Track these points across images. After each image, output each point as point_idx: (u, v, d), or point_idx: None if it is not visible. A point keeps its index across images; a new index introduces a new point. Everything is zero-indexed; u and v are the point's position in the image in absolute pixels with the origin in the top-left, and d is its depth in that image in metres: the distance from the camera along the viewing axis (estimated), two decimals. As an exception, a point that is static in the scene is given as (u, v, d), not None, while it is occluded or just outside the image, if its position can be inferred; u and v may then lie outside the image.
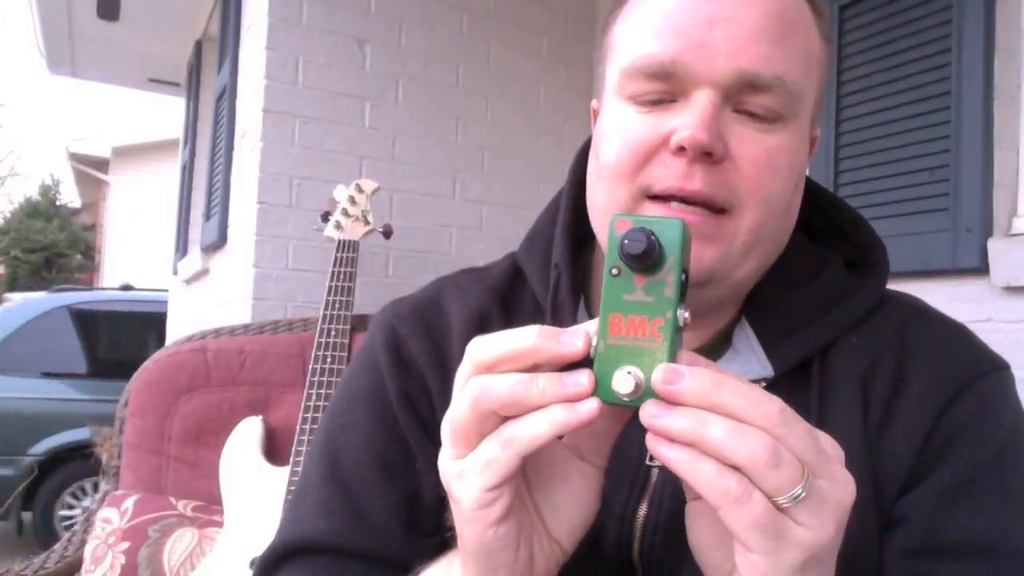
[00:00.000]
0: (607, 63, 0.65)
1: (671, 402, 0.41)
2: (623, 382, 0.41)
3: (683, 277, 0.43)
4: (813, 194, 0.72)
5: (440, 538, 0.65)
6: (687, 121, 0.56)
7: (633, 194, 0.59)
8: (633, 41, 0.60)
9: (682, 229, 0.43)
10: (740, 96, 0.57)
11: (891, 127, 1.89)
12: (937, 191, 1.78)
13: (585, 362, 0.43)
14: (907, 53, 1.86)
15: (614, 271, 0.43)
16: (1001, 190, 1.72)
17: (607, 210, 0.62)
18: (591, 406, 0.42)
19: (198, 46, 4.27)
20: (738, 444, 0.39)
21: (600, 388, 0.42)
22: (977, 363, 0.63)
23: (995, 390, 0.62)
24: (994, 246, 1.67)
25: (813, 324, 0.64)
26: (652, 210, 0.59)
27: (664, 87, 0.58)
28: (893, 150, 1.88)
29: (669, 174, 0.57)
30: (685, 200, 0.58)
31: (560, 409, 0.42)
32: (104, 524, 1.40)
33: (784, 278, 0.66)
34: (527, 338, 0.43)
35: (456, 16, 2.63)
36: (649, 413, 0.41)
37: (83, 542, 1.46)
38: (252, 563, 1.31)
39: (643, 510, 0.61)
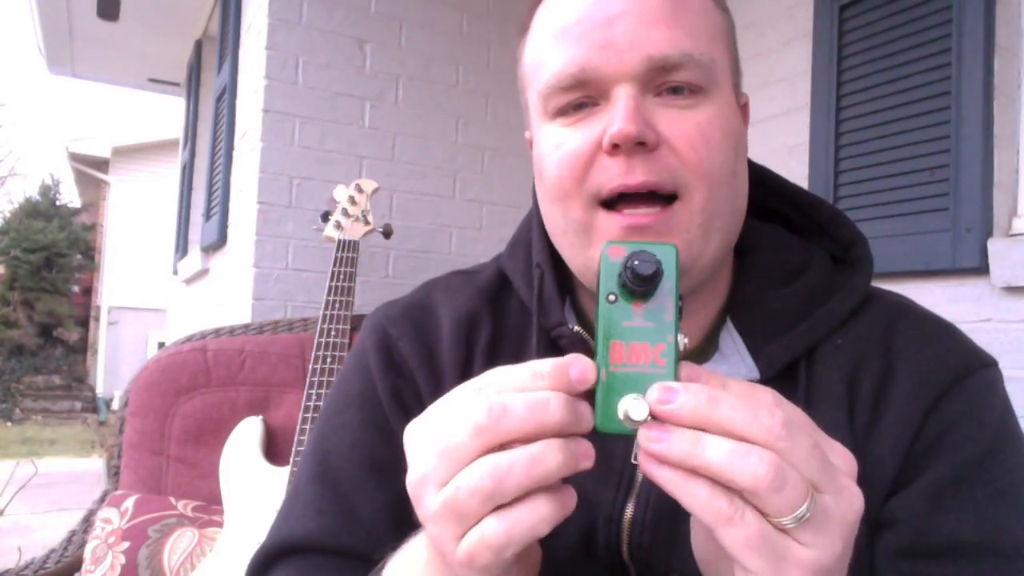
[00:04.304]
0: (526, 93, 0.67)
1: (668, 422, 0.39)
2: (637, 409, 0.40)
3: (679, 302, 0.42)
4: (789, 193, 0.73)
5: None
6: (613, 119, 0.57)
7: (584, 205, 0.60)
8: (542, 63, 0.62)
9: (676, 254, 0.43)
10: (656, 82, 0.59)
11: (891, 127, 1.89)
12: (937, 191, 1.78)
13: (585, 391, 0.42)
14: (907, 53, 1.86)
15: (611, 298, 0.42)
16: (1001, 190, 1.72)
17: (566, 229, 0.63)
18: (573, 499, 0.42)
19: (198, 46, 4.27)
20: (740, 467, 0.38)
21: (603, 417, 0.41)
22: (964, 361, 0.63)
23: (982, 388, 0.62)
24: (994, 246, 1.67)
25: (798, 325, 0.64)
26: (606, 221, 0.60)
27: (583, 96, 0.60)
28: (893, 150, 1.88)
29: (611, 175, 0.58)
30: (633, 195, 0.58)
31: (547, 506, 0.40)
32: (104, 524, 1.40)
33: (768, 276, 0.66)
34: (555, 414, 0.40)
35: (456, 16, 2.64)
36: (647, 437, 0.39)
37: (83, 542, 1.45)
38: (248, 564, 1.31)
39: (629, 510, 0.62)
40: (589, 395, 0.42)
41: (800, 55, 2.18)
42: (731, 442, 0.38)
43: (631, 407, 0.40)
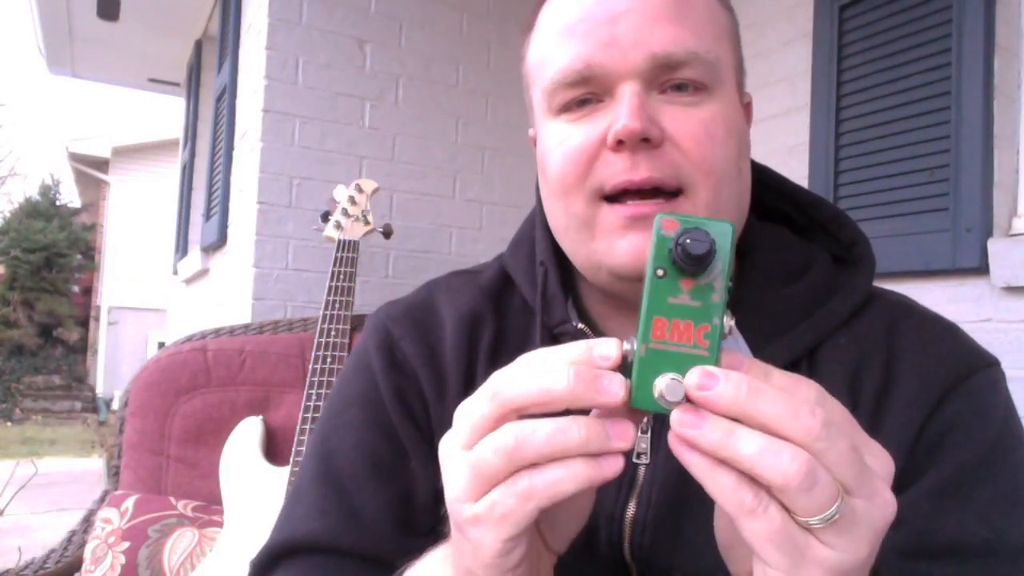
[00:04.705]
0: (531, 89, 0.67)
1: (704, 408, 0.38)
2: (673, 390, 0.39)
3: (730, 283, 0.41)
4: (790, 192, 0.73)
5: (434, 537, 0.65)
6: (618, 115, 0.57)
7: (587, 200, 0.60)
8: (546, 60, 0.62)
9: (733, 231, 0.41)
10: (661, 79, 0.59)
11: (891, 127, 1.89)
12: (937, 191, 1.78)
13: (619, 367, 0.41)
14: (907, 53, 1.86)
15: (659, 272, 0.41)
16: (1001, 190, 1.72)
17: (569, 224, 0.63)
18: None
19: (198, 46, 4.27)
20: (771, 463, 0.37)
21: (637, 394, 0.40)
22: (966, 361, 0.63)
23: (984, 388, 0.62)
24: (994, 246, 1.67)
25: (800, 325, 0.64)
26: (609, 213, 0.60)
27: (587, 93, 0.60)
28: (893, 150, 1.88)
29: (615, 171, 0.58)
30: (637, 192, 0.58)
31: (584, 466, 0.40)
32: (104, 524, 1.40)
33: (770, 276, 0.66)
34: (561, 380, 0.40)
35: (456, 16, 2.63)
36: (679, 420, 0.39)
37: (83, 542, 1.45)
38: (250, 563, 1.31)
39: (631, 509, 0.62)
40: (626, 371, 0.41)
41: (800, 55, 2.18)
42: (765, 437, 0.37)
43: (667, 387, 0.39)
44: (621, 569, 0.62)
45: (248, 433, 1.50)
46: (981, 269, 1.69)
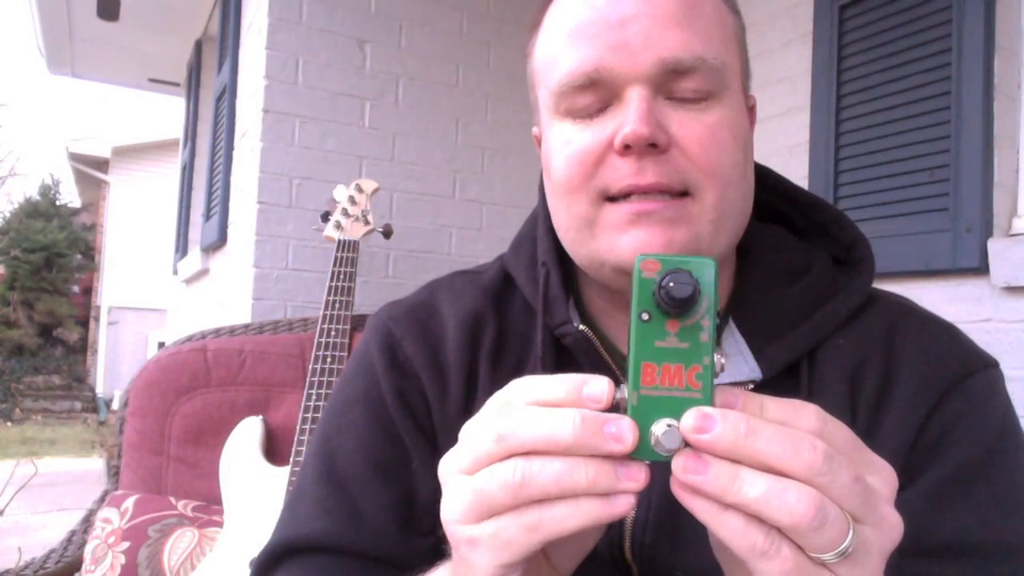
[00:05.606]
0: (537, 88, 0.67)
1: (704, 451, 0.38)
2: (670, 437, 0.38)
3: (716, 319, 0.40)
4: (791, 193, 0.73)
5: (436, 538, 0.65)
6: (626, 119, 0.57)
7: (592, 201, 0.61)
8: (555, 60, 0.62)
9: (716, 268, 0.40)
10: (669, 84, 0.59)
11: (891, 127, 1.89)
12: (937, 191, 1.78)
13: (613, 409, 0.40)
14: (907, 53, 1.86)
15: (644, 316, 0.40)
16: (1001, 190, 1.72)
17: (571, 225, 0.63)
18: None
19: (198, 46, 4.27)
20: (777, 505, 0.36)
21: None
22: (965, 362, 0.63)
23: (983, 389, 0.62)
24: (994, 246, 1.67)
25: (800, 325, 0.64)
26: (612, 211, 0.60)
27: (596, 96, 0.60)
28: (893, 150, 1.88)
29: (621, 175, 0.58)
30: (643, 194, 0.59)
31: (592, 505, 0.39)
32: (104, 524, 1.40)
33: (770, 277, 0.67)
34: (566, 428, 0.39)
35: (456, 16, 2.63)
36: (683, 467, 0.38)
37: (83, 542, 1.46)
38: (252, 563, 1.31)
39: (632, 511, 0.61)
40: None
41: (800, 55, 2.18)
42: (769, 478, 0.37)
43: (664, 434, 0.38)
44: (622, 569, 0.62)
45: (248, 433, 1.50)
46: (981, 269, 1.69)
